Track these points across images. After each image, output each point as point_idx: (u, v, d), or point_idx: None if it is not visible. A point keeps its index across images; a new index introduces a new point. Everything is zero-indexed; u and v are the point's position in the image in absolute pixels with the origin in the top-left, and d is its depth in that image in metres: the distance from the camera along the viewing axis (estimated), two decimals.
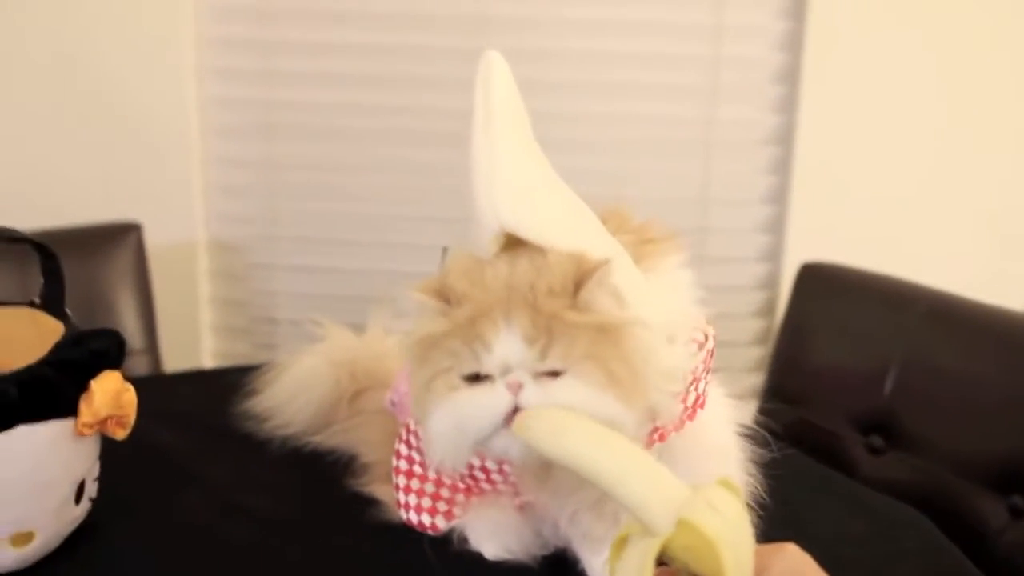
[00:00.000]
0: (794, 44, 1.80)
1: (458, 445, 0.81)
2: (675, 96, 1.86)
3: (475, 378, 0.80)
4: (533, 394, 0.77)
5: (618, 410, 0.78)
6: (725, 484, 0.68)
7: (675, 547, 0.65)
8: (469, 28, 1.82)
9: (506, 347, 0.78)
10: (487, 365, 0.79)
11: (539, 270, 0.81)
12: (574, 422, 0.73)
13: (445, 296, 0.82)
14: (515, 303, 0.79)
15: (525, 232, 0.83)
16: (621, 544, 0.69)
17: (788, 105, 1.83)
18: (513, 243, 0.84)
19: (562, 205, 0.87)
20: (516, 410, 0.77)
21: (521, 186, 0.83)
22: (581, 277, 0.80)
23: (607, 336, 0.80)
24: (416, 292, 0.83)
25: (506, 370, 0.78)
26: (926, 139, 1.82)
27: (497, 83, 0.84)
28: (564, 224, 0.84)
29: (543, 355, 0.78)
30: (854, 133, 1.82)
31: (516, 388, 0.77)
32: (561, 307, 0.79)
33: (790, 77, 1.82)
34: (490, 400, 0.78)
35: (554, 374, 0.78)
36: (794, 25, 1.79)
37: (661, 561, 0.67)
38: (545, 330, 0.78)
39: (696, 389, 0.90)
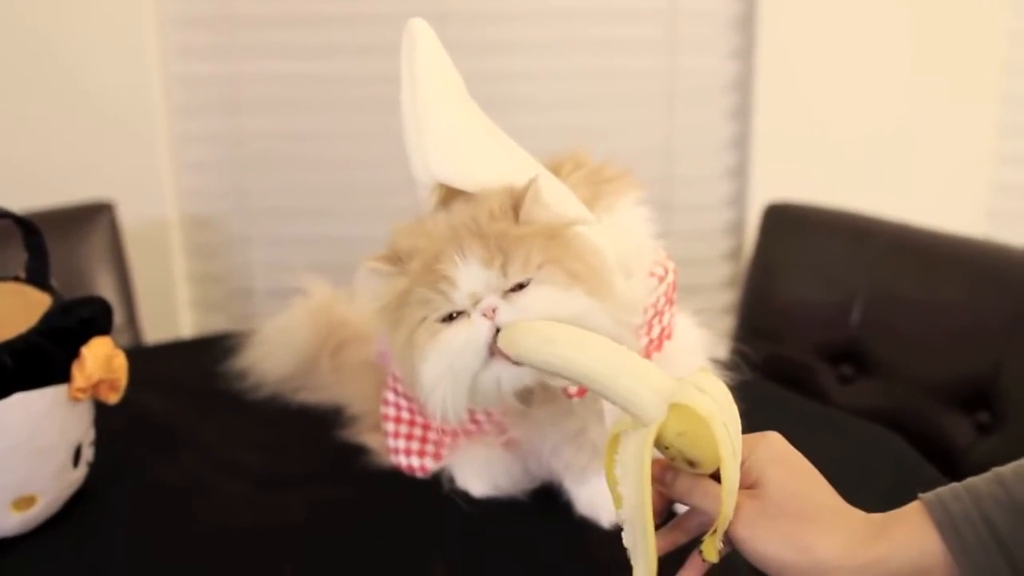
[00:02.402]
0: None
1: (455, 389, 0.81)
2: (635, 49, 1.88)
3: (450, 319, 0.82)
4: (507, 312, 0.79)
5: (588, 303, 0.81)
6: (707, 372, 0.71)
7: (669, 434, 0.67)
8: None
9: (469, 276, 0.81)
10: (458, 301, 0.81)
11: (475, 205, 0.84)
12: (559, 329, 0.75)
13: (395, 259, 0.85)
14: (463, 236, 0.82)
15: (458, 182, 0.86)
16: (613, 444, 0.72)
17: (745, 52, 1.86)
18: (450, 196, 0.88)
19: (496, 154, 0.89)
20: (497, 333, 0.79)
21: (450, 140, 0.86)
22: (516, 199, 0.84)
23: (556, 241, 0.83)
24: (367, 262, 0.86)
25: (476, 300, 0.80)
26: (879, 76, 1.85)
27: (420, 47, 0.87)
28: (498, 171, 0.87)
29: (504, 272, 0.81)
30: (811, 75, 1.85)
31: (491, 312, 0.79)
32: (506, 226, 0.82)
33: (746, 24, 1.85)
34: (471, 331, 0.80)
35: (519, 287, 0.81)
36: None
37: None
38: (499, 249, 0.81)
39: (660, 321, 0.93)
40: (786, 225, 1.69)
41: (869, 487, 1.04)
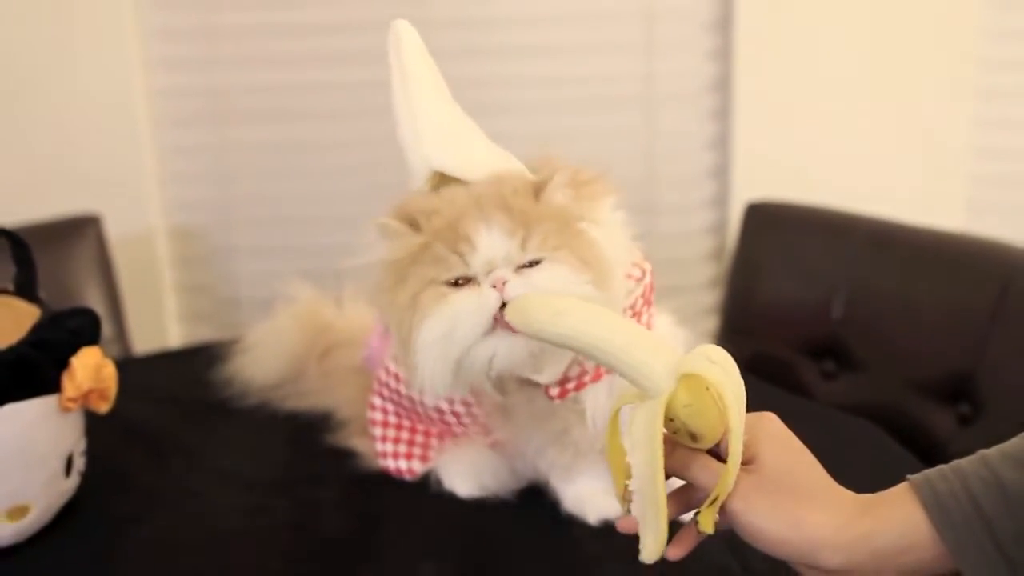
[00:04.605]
0: None
1: (445, 357, 0.82)
2: (614, 53, 1.89)
3: (457, 284, 0.83)
4: (516, 287, 0.80)
5: (593, 292, 0.82)
6: (715, 346, 0.71)
7: (676, 406, 0.67)
8: None
9: (490, 242, 0.82)
10: (473, 265, 0.82)
11: (498, 183, 0.86)
12: (569, 302, 0.75)
13: (411, 220, 0.86)
14: (488, 205, 0.84)
15: (455, 170, 0.88)
16: (616, 418, 0.72)
17: (724, 53, 1.88)
18: (444, 184, 0.89)
19: (483, 147, 0.92)
20: (503, 307, 0.80)
21: (445, 129, 0.89)
22: (541, 183, 0.86)
23: (571, 229, 0.85)
24: (383, 219, 0.86)
25: (489, 269, 0.82)
26: (857, 74, 1.87)
27: (407, 46, 0.90)
28: (487, 162, 0.89)
29: (523, 246, 0.83)
30: (789, 74, 1.86)
31: (501, 284, 0.81)
32: (529, 204, 0.85)
33: (724, 25, 1.86)
34: (478, 301, 0.81)
35: (532, 265, 0.83)
36: None
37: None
38: (522, 223, 0.83)
39: (638, 322, 0.95)
40: (768, 224, 1.70)
41: (852, 479, 1.06)
